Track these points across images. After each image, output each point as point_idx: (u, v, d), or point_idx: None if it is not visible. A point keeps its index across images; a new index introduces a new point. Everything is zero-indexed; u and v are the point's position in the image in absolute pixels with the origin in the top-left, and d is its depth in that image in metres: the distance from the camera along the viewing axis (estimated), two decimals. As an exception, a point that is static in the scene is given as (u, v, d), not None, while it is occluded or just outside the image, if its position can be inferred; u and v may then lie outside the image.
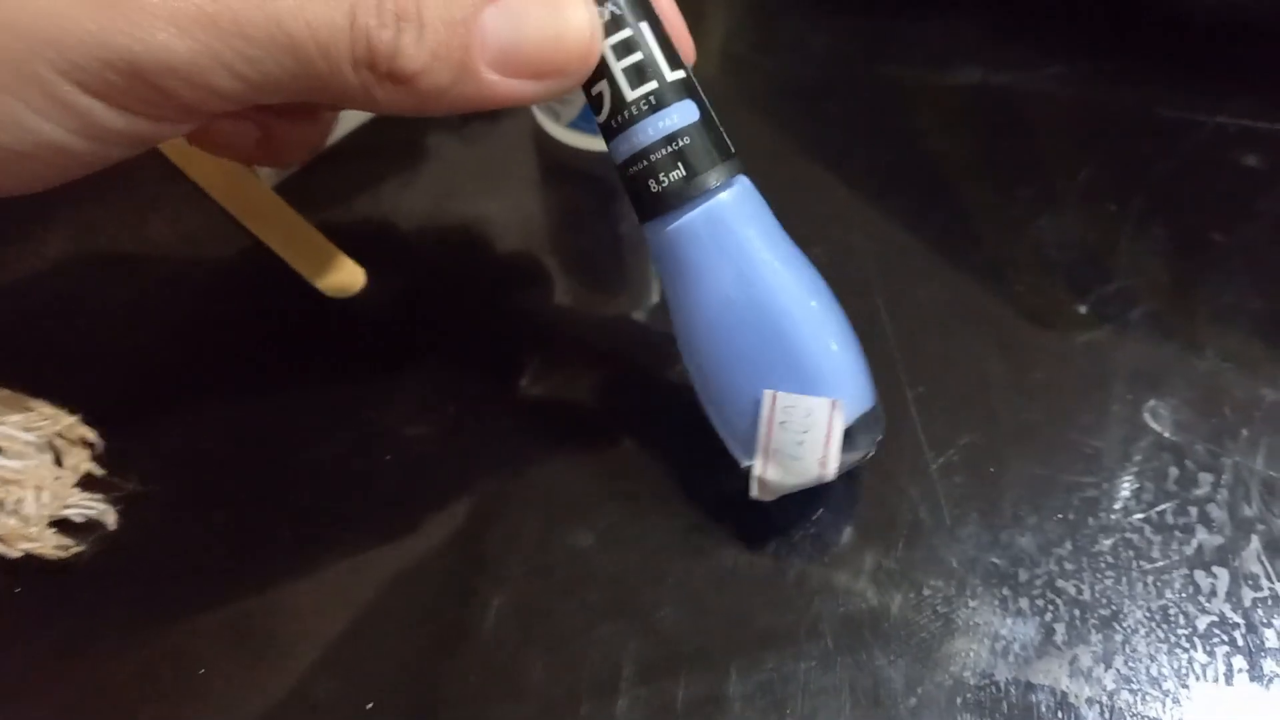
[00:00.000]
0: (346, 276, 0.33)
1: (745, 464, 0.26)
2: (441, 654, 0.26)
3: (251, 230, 0.35)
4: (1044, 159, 0.37)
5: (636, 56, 0.24)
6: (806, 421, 0.24)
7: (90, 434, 0.29)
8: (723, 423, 0.26)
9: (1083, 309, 0.32)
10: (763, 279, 0.25)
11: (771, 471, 0.25)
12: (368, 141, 0.38)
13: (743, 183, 0.25)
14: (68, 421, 0.29)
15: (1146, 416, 0.30)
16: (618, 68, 0.24)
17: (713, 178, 0.24)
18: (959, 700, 0.25)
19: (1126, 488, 0.28)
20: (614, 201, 0.36)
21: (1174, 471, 0.29)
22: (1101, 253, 0.34)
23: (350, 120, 0.37)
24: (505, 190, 0.36)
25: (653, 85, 0.24)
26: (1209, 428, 0.29)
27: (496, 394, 0.31)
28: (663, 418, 0.30)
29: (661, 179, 0.24)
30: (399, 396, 0.31)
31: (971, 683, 0.25)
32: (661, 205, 0.25)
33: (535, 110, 0.38)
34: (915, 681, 0.25)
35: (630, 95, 0.24)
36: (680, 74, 0.25)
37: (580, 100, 0.35)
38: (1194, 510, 0.28)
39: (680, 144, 0.24)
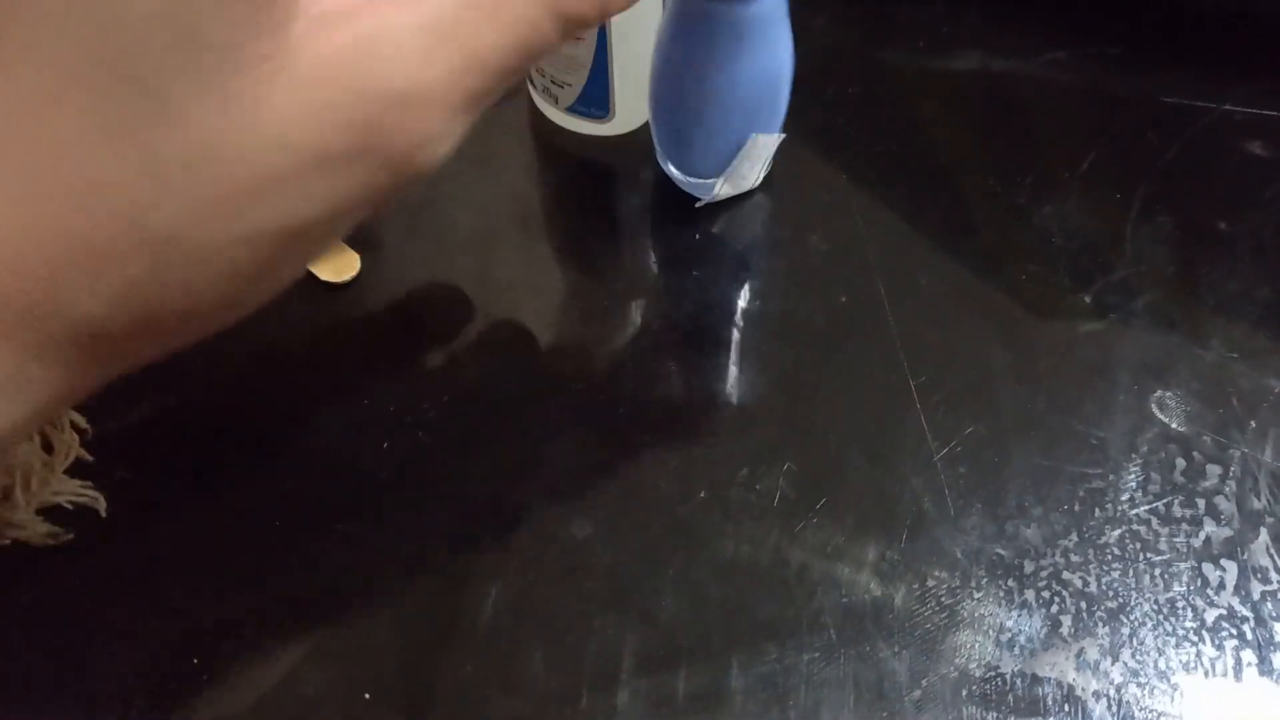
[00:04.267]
0: (342, 262, 0.33)
1: (708, 192, 0.33)
2: (438, 645, 0.26)
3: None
4: (1047, 146, 0.36)
5: None
6: (764, 150, 0.32)
7: (80, 419, 0.28)
8: (699, 158, 0.33)
9: (1087, 298, 0.32)
10: (786, 53, 0.30)
11: (728, 188, 0.33)
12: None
13: None
14: (56, 408, 0.28)
15: (1153, 407, 0.29)
16: None
17: None
18: (964, 693, 0.25)
19: (1133, 479, 0.28)
20: (611, 186, 0.36)
21: (1181, 463, 0.28)
22: (1105, 241, 0.33)
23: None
24: (502, 176, 0.36)
25: None
26: (1216, 418, 0.29)
27: (493, 381, 0.30)
28: (662, 407, 0.30)
29: None
30: (394, 383, 0.30)
31: (977, 675, 0.25)
32: None
33: (534, 95, 0.37)
34: (920, 674, 0.25)
35: None
36: None
37: (579, 84, 0.34)
38: (1201, 502, 0.28)
39: None
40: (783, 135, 0.33)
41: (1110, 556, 0.27)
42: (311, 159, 0.17)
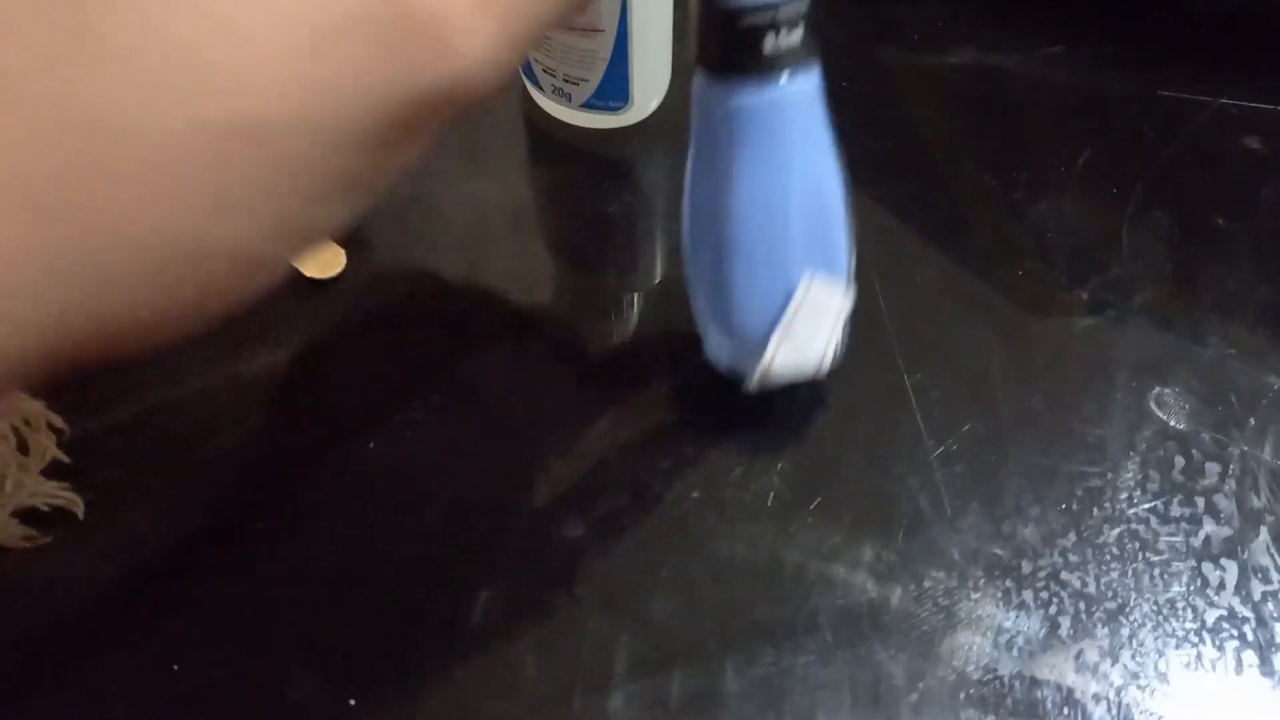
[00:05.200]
0: (326, 258, 0.32)
1: (739, 354, 0.26)
2: (427, 648, 0.25)
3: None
4: (1043, 142, 0.36)
5: None
6: (825, 310, 0.25)
7: (57, 420, 0.28)
8: (739, 303, 0.25)
9: (1084, 295, 0.31)
10: (830, 164, 0.25)
11: (783, 356, 0.25)
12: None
13: (819, 64, 0.24)
14: (33, 407, 0.28)
15: (1152, 404, 0.29)
16: None
17: (812, 48, 0.23)
18: (962, 695, 0.24)
19: (1131, 477, 0.28)
20: (607, 180, 0.35)
21: (1180, 461, 0.28)
22: (1102, 238, 0.33)
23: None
24: (493, 169, 0.35)
25: None
26: (1215, 416, 0.29)
27: (482, 379, 0.30)
28: (656, 406, 0.29)
29: (781, 36, 0.22)
30: (382, 382, 0.30)
31: (975, 678, 0.25)
32: (769, 65, 0.23)
33: (539, 97, 0.36)
34: (917, 676, 0.25)
35: None
36: None
37: (596, 78, 0.34)
38: (1201, 501, 0.27)
39: (802, 6, 0.23)
40: (851, 289, 0.26)
41: (1109, 556, 0.26)
42: (309, 31, 0.13)
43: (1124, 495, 0.27)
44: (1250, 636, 0.25)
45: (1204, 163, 0.35)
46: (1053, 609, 0.26)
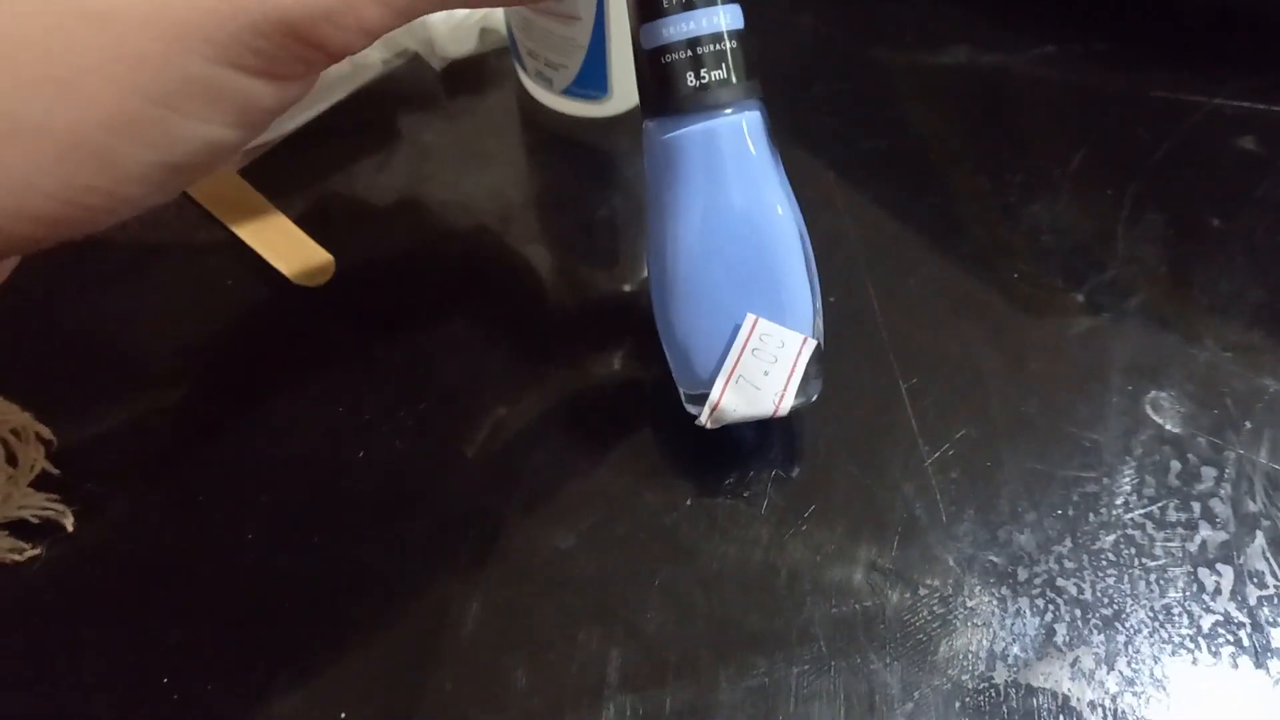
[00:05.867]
0: (316, 265, 0.32)
1: (694, 390, 0.26)
2: (417, 661, 0.25)
3: (217, 216, 0.33)
4: (1037, 143, 0.36)
5: None
6: (778, 352, 0.25)
7: (45, 431, 0.28)
8: (685, 342, 0.25)
9: (1079, 297, 0.31)
10: (771, 203, 0.24)
11: (730, 398, 0.25)
12: (341, 121, 0.36)
13: (761, 108, 0.25)
14: (21, 418, 0.27)
15: (1147, 408, 0.29)
16: None
17: (744, 91, 0.24)
18: (957, 704, 0.24)
19: (1127, 483, 0.27)
20: (606, 174, 0.35)
21: (1176, 465, 0.28)
22: (1097, 239, 0.33)
23: (323, 99, 0.36)
24: (489, 169, 0.35)
25: None
26: (1211, 420, 0.28)
27: (472, 388, 0.30)
28: (650, 413, 0.29)
29: (702, 75, 0.23)
30: (371, 391, 0.29)
31: (970, 686, 0.24)
32: (691, 103, 0.24)
33: (526, 80, 0.36)
34: (912, 685, 0.24)
35: None
36: None
37: (575, 65, 0.34)
38: (1197, 506, 0.27)
39: (728, 45, 0.23)
40: (812, 341, 0.25)
41: (1105, 562, 0.26)
42: None
43: (1120, 501, 0.27)
44: (1246, 641, 0.25)
45: (1198, 163, 0.35)
46: (1048, 616, 0.25)
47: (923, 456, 0.28)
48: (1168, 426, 0.28)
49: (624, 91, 0.35)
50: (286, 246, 0.32)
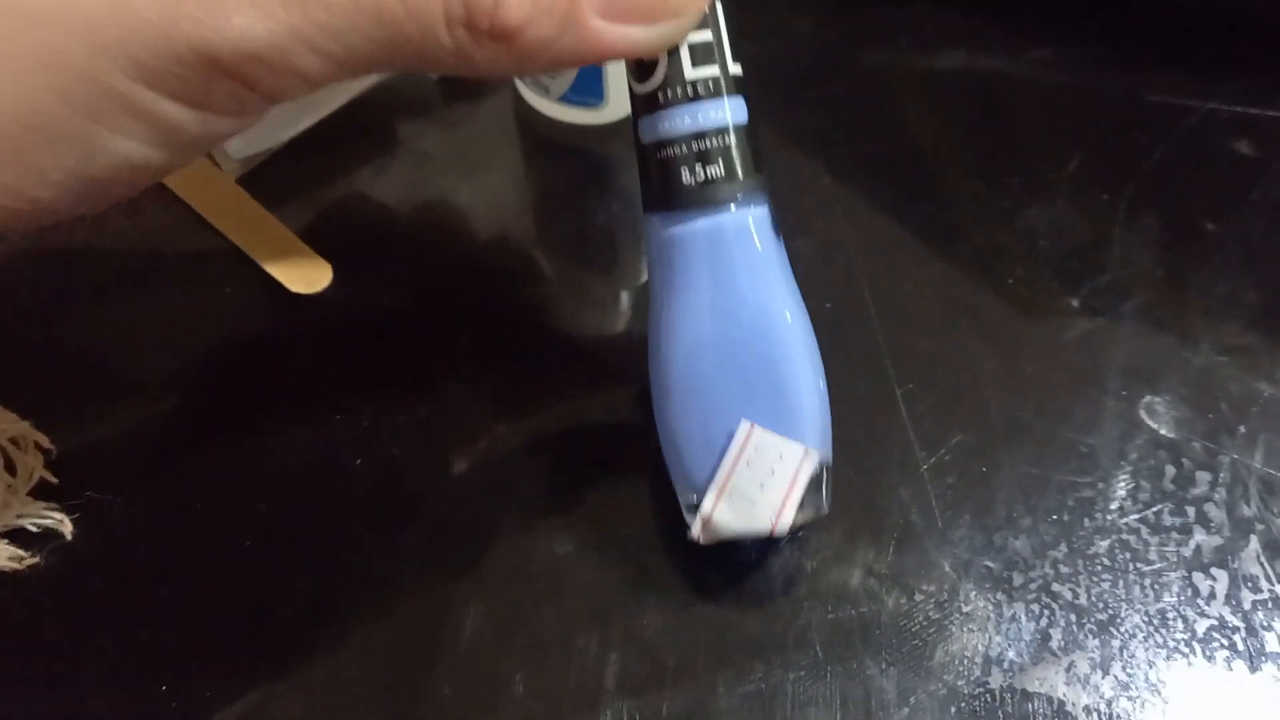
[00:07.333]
0: (313, 273, 0.32)
1: (690, 498, 0.24)
2: (415, 667, 0.25)
3: (213, 224, 0.33)
4: (1033, 147, 0.36)
5: (705, 34, 0.22)
6: (776, 464, 0.23)
7: (44, 440, 0.28)
8: (680, 447, 0.24)
9: (1075, 302, 0.31)
10: (772, 306, 0.23)
11: (722, 511, 0.23)
12: (339, 128, 0.36)
13: (768, 203, 0.24)
14: (19, 427, 0.27)
15: (1142, 413, 0.29)
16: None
17: (749, 187, 0.23)
18: (953, 709, 0.24)
19: (1122, 487, 0.28)
20: (604, 181, 0.35)
21: (1170, 470, 0.28)
22: (1093, 244, 0.33)
23: (319, 106, 0.36)
24: (487, 176, 0.35)
25: (714, 70, 0.22)
26: (1206, 424, 0.29)
27: (470, 394, 0.30)
28: (649, 416, 0.29)
29: (699, 172, 0.23)
30: (368, 398, 0.30)
31: (966, 691, 0.24)
32: (690, 199, 0.23)
33: (520, 86, 0.36)
34: (908, 690, 0.24)
35: (690, 74, 0.22)
36: (739, 69, 0.23)
37: (572, 72, 0.34)
38: (1191, 510, 0.27)
39: (727, 141, 0.23)
40: (815, 455, 0.23)
41: (1100, 567, 0.26)
42: None
43: (1115, 505, 0.27)
44: (1240, 646, 0.25)
45: (1194, 166, 0.35)
46: (1044, 621, 0.25)
47: (919, 461, 0.28)
48: (1163, 431, 0.29)
49: (620, 99, 0.35)
50: (284, 254, 0.32)
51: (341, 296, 0.32)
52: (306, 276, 0.32)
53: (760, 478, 0.23)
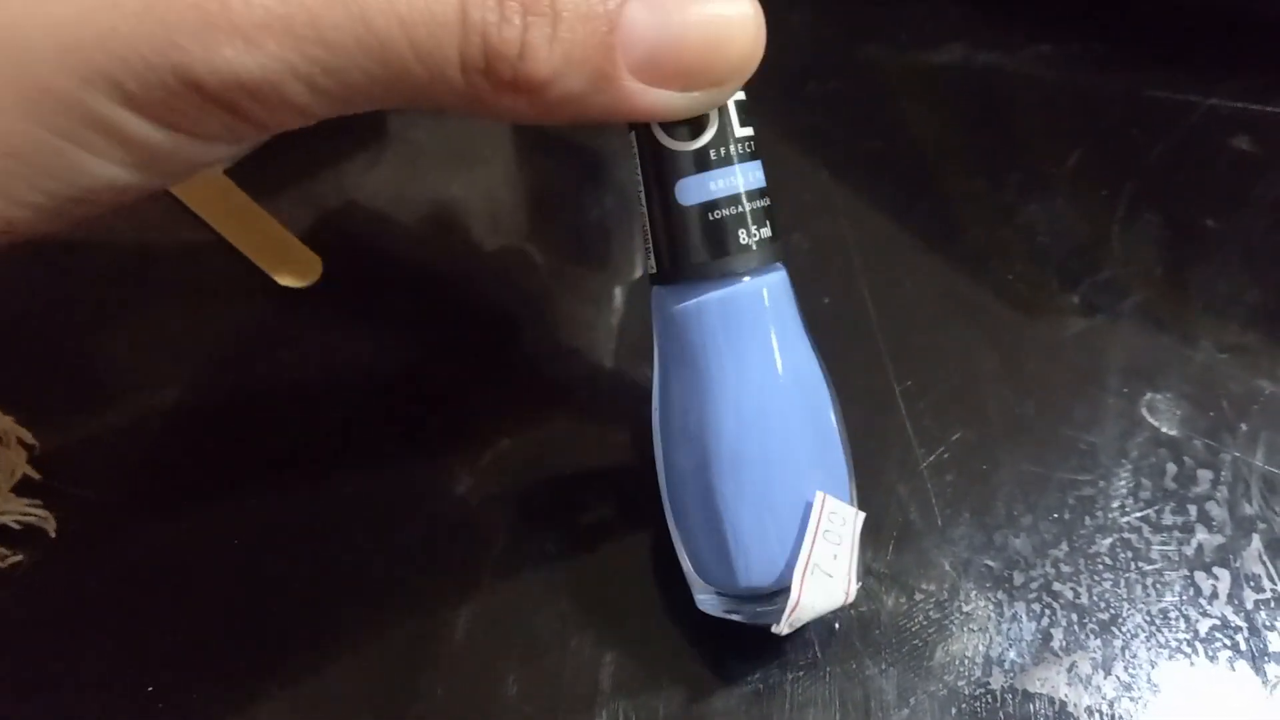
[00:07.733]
0: (303, 267, 0.31)
1: (744, 589, 0.22)
2: (408, 669, 0.24)
3: (203, 218, 0.33)
4: (1032, 143, 0.35)
5: (741, 93, 0.21)
6: (841, 531, 0.21)
7: (27, 435, 0.27)
8: (730, 534, 0.22)
9: (1075, 299, 0.31)
10: (813, 367, 0.22)
11: (809, 594, 0.21)
12: (329, 121, 0.36)
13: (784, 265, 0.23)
14: (2, 422, 0.27)
15: (1143, 411, 0.29)
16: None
17: (776, 250, 0.22)
18: (953, 710, 0.24)
19: (1123, 485, 0.27)
20: (596, 175, 0.35)
21: (1172, 468, 0.28)
22: (1093, 240, 0.33)
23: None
24: (479, 168, 0.35)
25: (749, 130, 0.21)
26: (1207, 422, 0.28)
27: (463, 391, 0.29)
28: (642, 411, 0.29)
29: (752, 232, 0.21)
30: (359, 394, 0.29)
31: (966, 692, 0.24)
32: (746, 262, 0.21)
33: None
34: (907, 691, 0.24)
35: (738, 131, 0.21)
36: (751, 130, 0.22)
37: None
38: (1193, 509, 0.27)
39: (766, 201, 0.22)
40: (862, 514, 0.22)
41: (1101, 566, 0.26)
42: None
43: (1116, 504, 0.27)
44: (1243, 645, 0.25)
45: (1194, 163, 0.34)
46: (1045, 621, 0.25)
47: (918, 460, 0.28)
48: (1164, 429, 0.28)
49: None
50: (273, 248, 0.32)
51: (331, 290, 0.31)
52: (296, 270, 0.31)
53: (833, 549, 0.21)
